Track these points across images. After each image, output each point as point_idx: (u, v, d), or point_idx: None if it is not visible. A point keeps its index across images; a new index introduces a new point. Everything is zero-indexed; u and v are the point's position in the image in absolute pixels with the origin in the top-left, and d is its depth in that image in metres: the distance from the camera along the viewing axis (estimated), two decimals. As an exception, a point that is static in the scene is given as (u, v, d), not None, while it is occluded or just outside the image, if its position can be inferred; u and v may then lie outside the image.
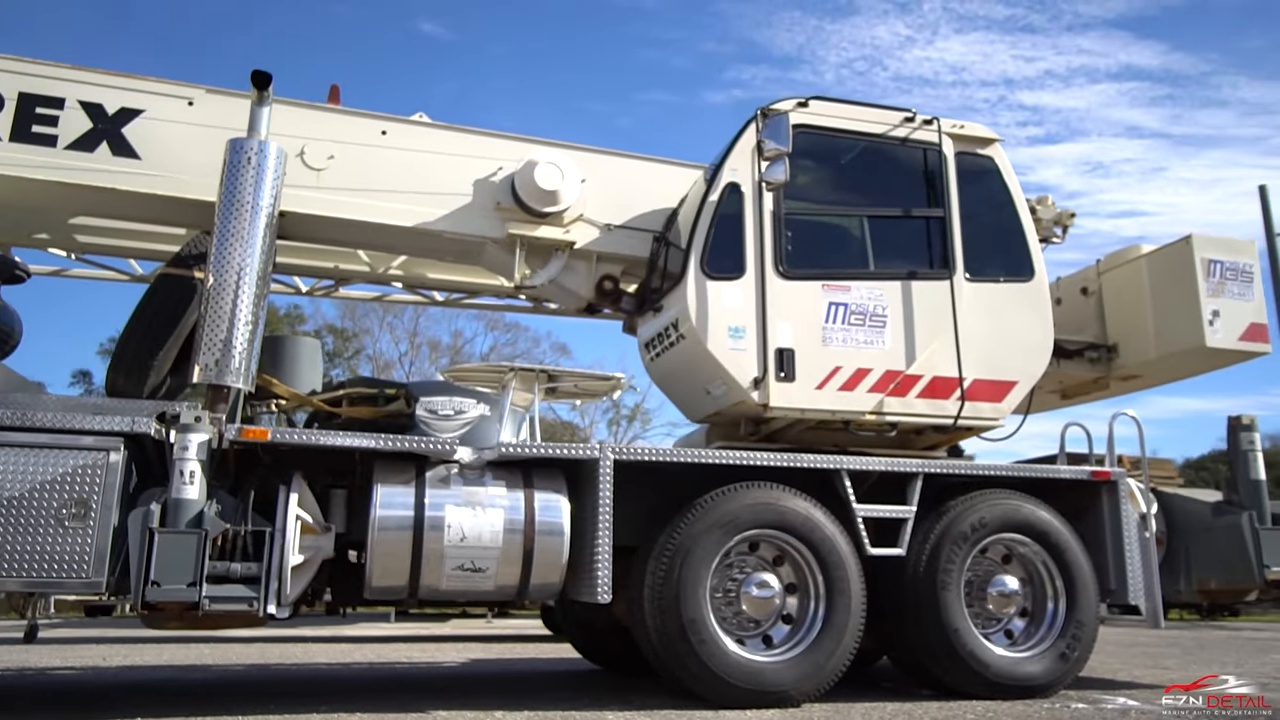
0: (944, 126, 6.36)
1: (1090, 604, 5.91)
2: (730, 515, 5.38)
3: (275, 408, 6.18)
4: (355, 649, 10.82)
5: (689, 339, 5.77)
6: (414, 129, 6.65)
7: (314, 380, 7.13)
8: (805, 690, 5.32)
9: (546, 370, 8.88)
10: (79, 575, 4.52)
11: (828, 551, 5.50)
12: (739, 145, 6.02)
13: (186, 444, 4.79)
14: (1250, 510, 6.47)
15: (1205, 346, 6.71)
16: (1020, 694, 5.65)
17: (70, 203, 6.23)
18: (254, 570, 4.74)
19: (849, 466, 5.71)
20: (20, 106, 5.92)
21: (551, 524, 5.22)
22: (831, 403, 5.79)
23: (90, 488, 4.60)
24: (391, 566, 4.99)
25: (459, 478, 5.24)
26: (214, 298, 5.27)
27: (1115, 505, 6.18)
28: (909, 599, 5.70)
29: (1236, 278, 6.92)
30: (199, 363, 5.23)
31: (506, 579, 5.18)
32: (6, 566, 4.43)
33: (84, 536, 4.55)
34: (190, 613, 4.73)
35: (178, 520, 4.67)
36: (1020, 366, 6.21)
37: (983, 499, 5.89)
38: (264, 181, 5.52)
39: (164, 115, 6.15)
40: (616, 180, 6.89)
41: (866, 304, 5.95)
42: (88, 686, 6.79)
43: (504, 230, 6.55)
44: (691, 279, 5.74)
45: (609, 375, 9.45)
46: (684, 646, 5.19)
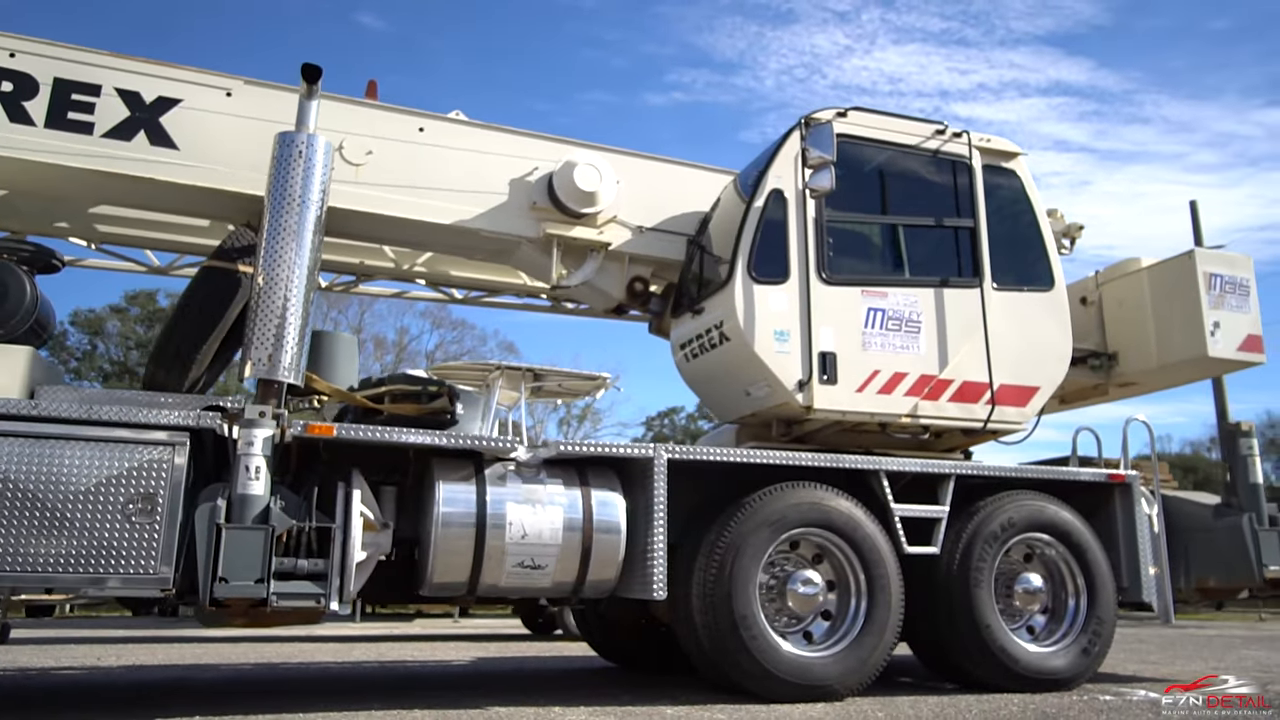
0: (973, 139, 6.58)
1: (1109, 601, 6.17)
2: (778, 514, 5.51)
3: (318, 404, 6.14)
4: (349, 648, 10.72)
5: (734, 341, 5.89)
6: (451, 126, 6.65)
7: (350, 376, 7.10)
8: (850, 685, 5.48)
9: (533, 369, 8.95)
10: (146, 571, 4.47)
11: (869, 550, 5.66)
12: (782, 153, 6.15)
13: (252, 439, 4.76)
14: (1250, 512, 6.80)
15: (1208, 356, 7.03)
16: (1046, 687, 5.88)
17: (104, 192, 6.11)
18: (320, 567, 4.73)
19: (888, 468, 5.88)
20: (55, 92, 5.79)
21: (610, 522, 5.30)
22: (871, 405, 5.96)
23: (157, 483, 4.55)
24: (453, 564, 5.02)
25: (516, 475, 5.28)
26: (266, 293, 5.23)
27: (1129, 506, 6.46)
28: (942, 596, 5.89)
29: (1234, 291, 7.26)
30: (251, 358, 5.18)
31: (564, 576, 5.24)
32: (73, 562, 4.35)
33: (151, 532, 4.50)
34: (255, 609, 4.71)
35: (244, 516, 4.64)
36: (1043, 373, 6.45)
37: (1010, 499, 6.11)
38: (313, 176, 5.49)
39: (202, 105, 6.06)
40: (647, 183, 6.97)
41: (903, 310, 6.13)
42: (99, 687, 6.66)
43: (540, 230, 6.59)
44: (738, 283, 5.85)
45: (594, 375, 9.54)
46: (735, 642, 5.30)
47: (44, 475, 4.38)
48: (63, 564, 4.34)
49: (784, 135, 6.29)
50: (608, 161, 6.71)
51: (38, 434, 4.43)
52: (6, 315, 5.08)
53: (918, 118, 6.58)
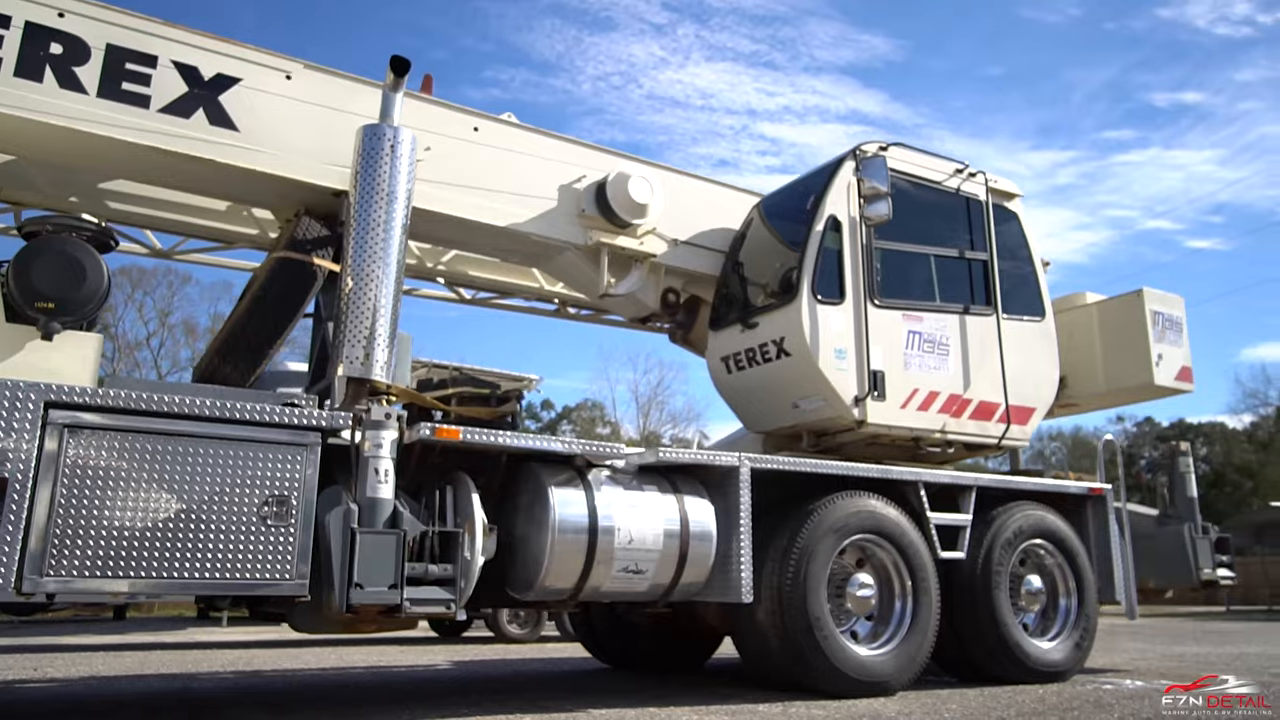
0: (987, 179, 7.22)
1: (1094, 600, 6.94)
2: (841, 521, 5.88)
3: (386, 404, 5.95)
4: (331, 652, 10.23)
5: (797, 356, 6.21)
6: (504, 128, 6.62)
7: (404, 374, 6.86)
8: (902, 681, 5.92)
9: (460, 369, 8.99)
10: (282, 576, 4.28)
11: (913, 554, 6.13)
12: (836, 181, 6.53)
13: (380, 441, 4.65)
14: (1189, 521, 7.79)
15: (1154, 384, 7.99)
16: (1048, 679, 6.54)
17: (154, 170, 5.69)
18: (450, 572, 4.67)
19: (925, 479, 6.37)
20: (108, 59, 5.36)
21: (703, 529, 5.48)
22: (912, 421, 6.45)
23: (290, 484, 4.37)
24: (566, 568, 5.06)
25: (614, 481, 5.38)
26: (357, 290, 5.11)
27: (1103, 516, 7.27)
28: (965, 597, 6.43)
29: (1172, 327, 8.28)
30: (344, 356, 5.05)
31: (661, 580, 5.38)
32: (209, 566, 4.12)
33: (285, 535, 4.32)
34: (383, 616, 4.60)
35: (374, 520, 4.53)
36: (1039, 394, 7.17)
37: (1018, 509, 6.76)
38: (400, 169, 5.39)
39: (261, 86, 5.78)
40: (681, 197, 7.18)
41: (935, 333, 6.66)
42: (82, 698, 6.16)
43: (587, 237, 6.68)
44: (804, 302, 6.18)
45: (522, 376, 9.67)
46: (809, 643, 5.61)
47: (178, 475, 4.12)
48: (201, 569, 4.10)
49: (834, 165, 6.68)
50: (653, 174, 6.88)
51: (168, 431, 4.16)
52: (84, 299, 4.69)
53: (943, 156, 7.16)
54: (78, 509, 3.92)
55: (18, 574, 3.77)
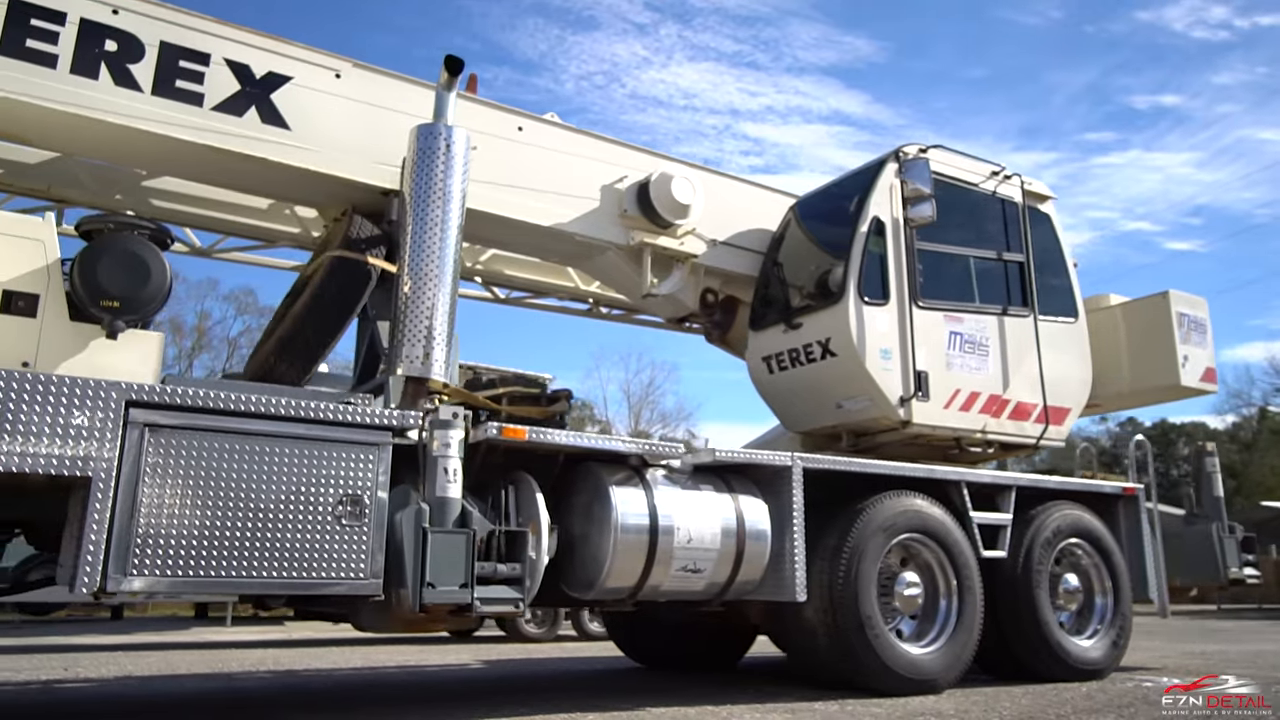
0: (1022, 182, 7.28)
1: (1129, 599, 7.01)
2: (889, 521, 5.92)
3: (438, 402, 5.95)
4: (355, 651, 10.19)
5: (843, 357, 6.25)
6: (547, 128, 6.63)
7: (454, 375, 6.85)
8: (949, 679, 5.96)
9: (472, 367, 8.99)
10: (357, 575, 4.28)
11: (958, 553, 6.17)
12: (879, 184, 6.57)
13: (448, 441, 4.64)
14: (1216, 521, 7.88)
15: (1180, 385, 8.06)
16: (1087, 677, 6.61)
17: (206, 168, 5.68)
18: (518, 571, 4.68)
19: (968, 478, 6.42)
20: (162, 57, 5.34)
21: (759, 528, 5.51)
22: (955, 421, 6.50)
23: (363, 484, 4.37)
24: (627, 568, 5.07)
25: (671, 480, 5.40)
26: (416, 289, 5.11)
27: (1135, 515, 7.35)
28: (1007, 595, 6.48)
29: (1196, 329, 8.35)
30: (403, 356, 5.04)
31: (717, 579, 5.40)
32: (287, 565, 4.11)
33: (359, 535, 4.31)
34: (453, 615, 4.60)
35: (444, 520, 4.52)
36: (1073, 395, 7.24)
37: (1056, 509, 6.81)
38: (454, 168, 5.38)
39: (311, 85, 5.77)
40: (719, 198, 7.21)
41: (975, 334, 6.71)
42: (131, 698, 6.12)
43: (629, 238, 6.69)
44: (851, 303, 6.22)
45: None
46: (860, 641, 5.64)
47: (255, 474, 4.11)
48: (279, 568, 4.09)
49: (875, 167, 6.72)
50: (693, 175, 6.90)
51: (244, 430, 4.15)
52: (148, 298, 4.65)
53: (980, 158, 7.21)
54: (159, 508, 3.91)
55: (103, 573, 3.76)
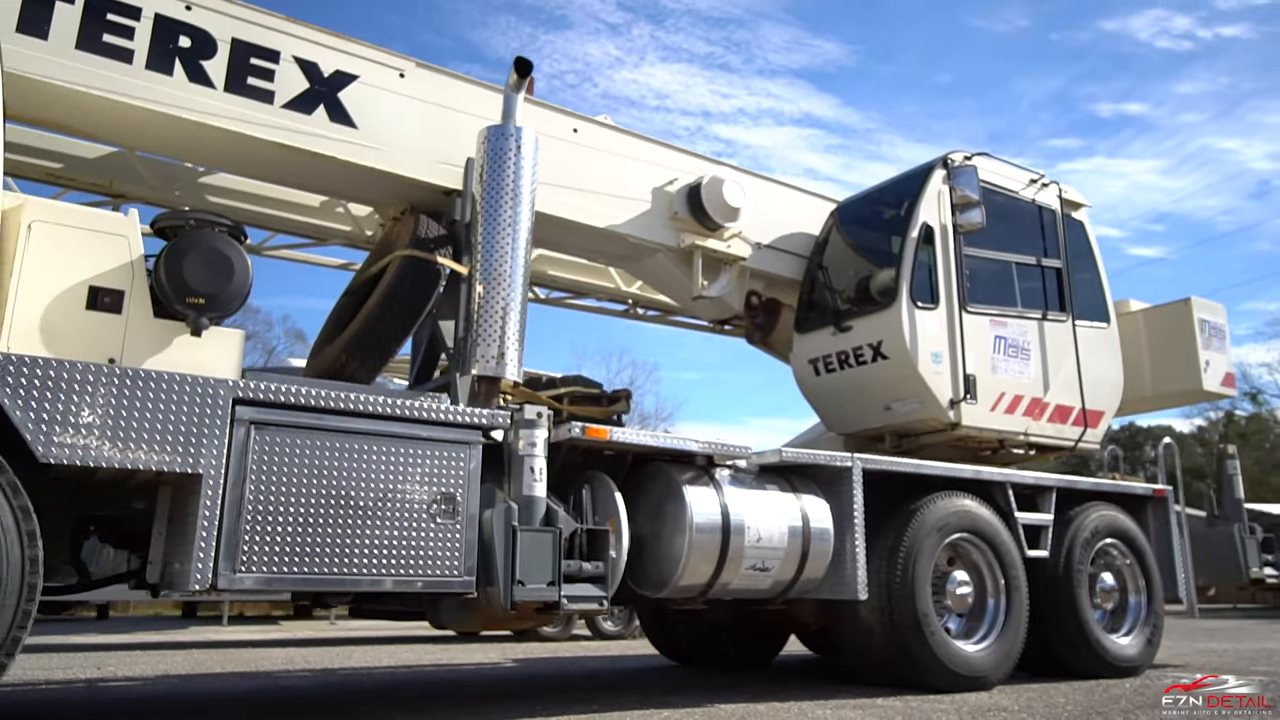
0: (1060, 190, 7.43)
1: (1161, 597, 7.18)
2: (943, 521, 6.03)
3: (503, 403, 5.98)
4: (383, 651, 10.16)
5: (895, 359, 6.36)
6: (601, 130, 6.68)
7: None
8: (999, 675, 6.09)
9: None
10: (451, 573, 4.32)
11: (1005, 553, 6.30)
12: (928, 190, 6.69)
13: (534, 440, 4.70)
14: (1237, 522, 8.08)
15: (1202, 389, 8.26)
16: (1124, 674, 6.76)
17: (272, 166, 5.67)
18: (601, 569, 4.73)
19: (1014, 480, 6.55)
20: (234, 53, 5.34)
21: (823, 527, 5.60)
22: (1000, 423, 6.63)
23: (455, 482, 4.40)
24: (700, 567, 5.14)
25: (738, 480, 5.47)
26: (489, 290, 5.16)
27: (1164, 516, 7.52)
28: (1049, 595, 6.61)
29: (1217, 335, 8.57)
30: (477, 355, 5.08)
31: (783, 577, 5.49)
32: (386, 563, 4.14)
33: (453, 533, 4.35)
34: (540, 613, 4.65)
35: (531, 518, 4.57)
36: (1107, 398, 7.40)
37: (1094, 510, 6.97)
38: (525, 170, 5.43)
39: (377, 83, 5.79)
40: (763, 201, 7.29)
41: (1018, 338, 6.85)
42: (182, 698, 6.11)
43: (680, 240, 6.76)
44: (904, 307, 6.33)
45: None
46: (917, 639, 5.75)
47: (356, 472, 4.14)
48: (378, 566, 4.12)
49: (923, 173, 6.84)
50: (742, 179, 6.98)
51: (344, 429, 4.17)
52: (232, 295, 4.64)
53: (1021, 165, 7.36)
54: (264, 505, 3.92)
55: (213, 569, 3.77)
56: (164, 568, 4.24)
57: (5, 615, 3.37)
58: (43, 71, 4.72)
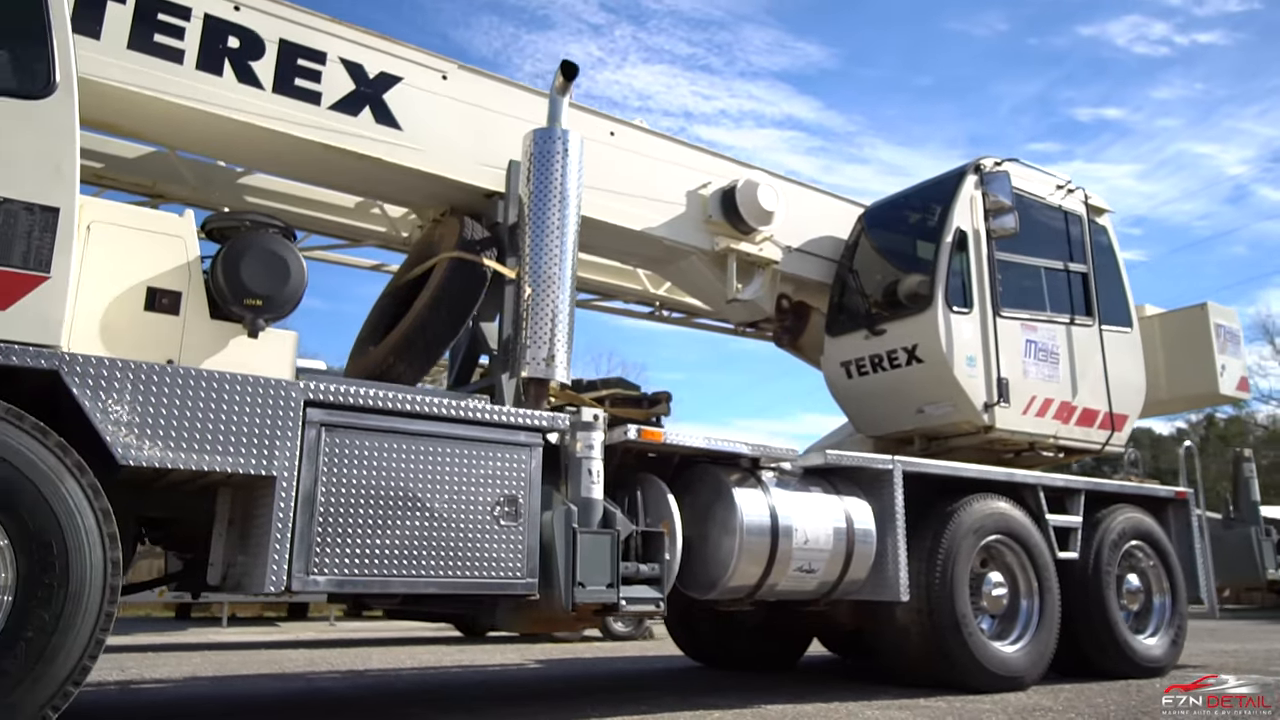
0: (1086, 195, 7.52)
1: (1184, 598, 7.27)
2: (979, 523, 6.09)
3: (549, 404, 6.00)
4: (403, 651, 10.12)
5: (930, 363, 6.42)
6: (638, 133, 6.70)
7: None
8: (1034, 675, 6.15)
9: None
10: (514, 575, 4.33)
11: (1038, 555, 6.37)
12: (960, 196, 6.75)
13: (591, 443, 4.72)
14: (1254, 524, 8.20)
15: (1219, 393, 8.37)
16: (1151, 674, 6.84)
17: (317, 168, 5.67)
18: (657, 571, 4.76)
19: (1045, 482, 6.63)
20: (281, 54, 5.33)
21: (866, 528, 5.65)
22: (1031, 426, 6.70)
23: (518, 485, 4.42)
24: (750, 569, 5.18)
25: (783, 482, 5.51)
26: (538, 292, 5.18)
27: (1185, 518, 7.61)
28: (1078, 596, 6.68)
29: (1231, 339, 8.68)
30: (527, 357, 5.10)
31: (828, 578, 5.53)
32: (451, 565, 4.15)
33: (516, 535, 4.36)
34: (597, 615, 4.67)
35: (589, 520, 4.59)
36: (1131, 401, 7.49)
37: (1120, 512, 7.05)
38: (571, 172, 5.46)
39: (421, 85, 5.79)
40: (795, 205, 7.32)
41: (1047, 342, 6.93)
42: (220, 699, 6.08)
43: (714, 243, 6.79)
44: (940, 310, 6.39)
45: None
46: (956, 640, 5.81)
47: (423, 474, 4.15)
48: (445, 567, 4.13)
49: (955, 179, 6.91)
50: (775, 182, 7.02)
51: (410, 431, 4.18)
52: (289, 296, 4.63)
53: (1047, 171, 7.43)
54: (334, 507, 3.93)
55: (288, 572, 3.77)
56: (225, 569, 4.25)
57: (89, 619, 3.36)
58: (96, 71, 4.69)
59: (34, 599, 3.26)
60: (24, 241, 3.52)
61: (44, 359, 3.43)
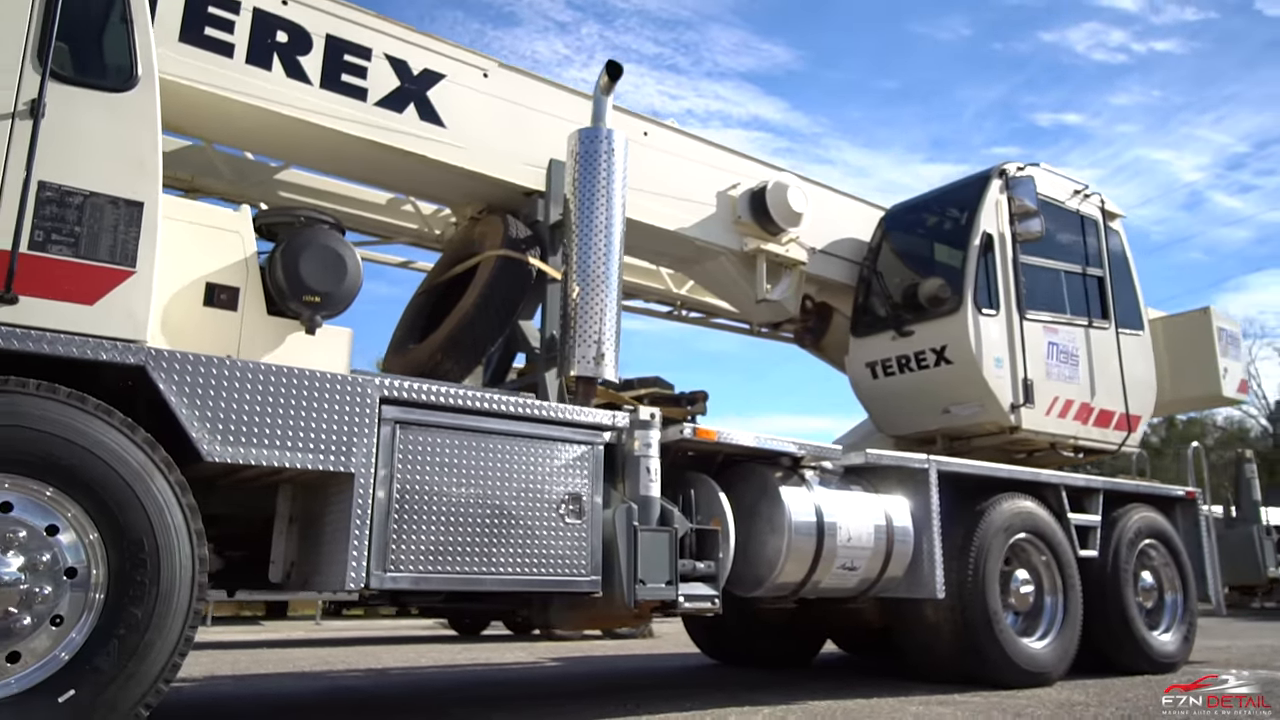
0: (1101, 200, 7.67)
1: (1195, 596, 7.44)
2: (1008, 521, 6.20)
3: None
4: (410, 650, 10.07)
5: (959, 364, 6.52)
6: (670, 134, 6.75)
7: None
8: (1059, 671, 6.28)
9: None
10: (579, 573, 4.36)
11: (1061, 553, 6.50)
12: (986, 200, 6.86)
13: (649, 441, 4.74)
14: (1255, 524, 8.41)
15: (1221, 395, 8.58)
16: (1164, 669, 6.99)
17: (362, 164, 5.66)
18: (712, 568, 4.80)
19: (1067, 482, 6.76)
20: (328, 50, 5.31)
21: (905, 527, 5.73)
22: (1054, 427, 6.84)
23: (582, 483, 4.45)
24: (796, 567, 5.23)
25: (825, 481, 5.58)
26: (586, 291, 5.20)
27: (1194, 517, 7.80)
28: (1097, 593, 6.81)
29: (1233, 343, 8.91)
30: (576, 356, 5.12)
31: (868, 576, 5.61)
32: (522, 562, 4.17)
33: (580, 532, 4.39)
34: (655, 612, 4.70)
35: (648, 518, 4.62)
36: (1144, 403, 7.66)
37: (1135, 511, 7.20)
38: (616, 171, 5.48)
39: (463, 83, 5.80)
40: (819, 208, 7.40)
41: (1068, 344, 7.06)
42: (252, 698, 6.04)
43: (742, 244, 6.85)
44: (969, 312, 6.49)
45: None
46: (987, 636, 5.91)
47: (493, 472, 4.16)
48: (515, 565, 4.15)
49: (979, 183, 7.02)
50: (803, 184, 7.10)
51: (481, 429, 4.19)
52: (346, 293, 4.61)
53: (1066, 176, 7.57)
54: (409, 505, 3.93)
55: (367, 570, 3.76)
56: (288, 567, 4.23)
57: (179, 616, 3.34)
58: (149, 64, 4.64)
59: (126, 596, 3.24)
60: (110, 236, 3.50)
61: (131, 354, 3.40)
